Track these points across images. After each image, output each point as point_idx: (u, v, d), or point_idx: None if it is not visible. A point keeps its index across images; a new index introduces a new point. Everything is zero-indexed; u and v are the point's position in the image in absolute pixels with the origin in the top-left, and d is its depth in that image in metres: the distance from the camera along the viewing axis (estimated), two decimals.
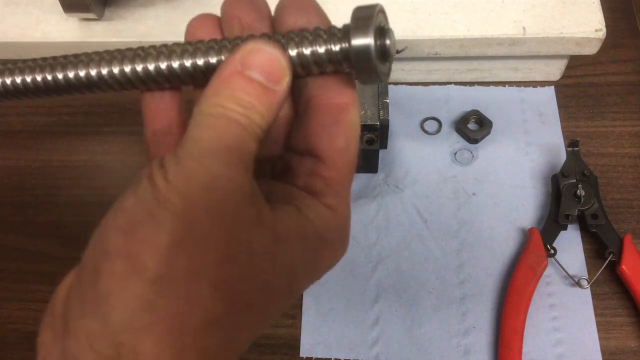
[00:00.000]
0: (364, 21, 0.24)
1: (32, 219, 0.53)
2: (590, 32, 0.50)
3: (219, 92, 0.24)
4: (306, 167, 0.27)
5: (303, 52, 0.25)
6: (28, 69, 0.27)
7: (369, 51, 0.24)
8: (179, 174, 0.22)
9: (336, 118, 0.26)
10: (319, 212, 0.26)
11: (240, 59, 0.24)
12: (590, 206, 0.48)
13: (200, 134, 0.23)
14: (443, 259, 0.49)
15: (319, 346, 0.46)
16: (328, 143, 0.26)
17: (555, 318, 0.46)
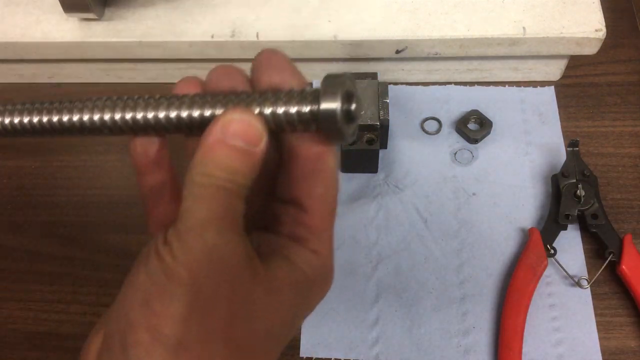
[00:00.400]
0: (332, 87, 0.27)
1: (32, 219, 0.52)
2: (590, 32, 0.50)
3: (205, 160, 0.27)
4: (290, 216, 0.30)
5: (276, 111, 0.27)
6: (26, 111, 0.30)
7: (335, 115, 0.26)
8: (182, 249, 0.25)
9: (314, 167, 0.29)
10: (305, 258, 0.29)
11: (221, 128, 0.27)
12: (590, 206, 0.48)
13: (194, 206, 0.26)
14: (443, 259, 0.49)
15: (319, 346, 0.46)
16: (308, 192, 0.29)
17: (555, 318, 0.46)
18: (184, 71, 0.58)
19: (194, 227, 0.25)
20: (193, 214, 0.26)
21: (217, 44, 0.52)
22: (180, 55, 0.54)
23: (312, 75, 0.57)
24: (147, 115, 0.29)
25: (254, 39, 0.52)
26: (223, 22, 0.52)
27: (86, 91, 0.59)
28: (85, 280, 0.49)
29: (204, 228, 0.25)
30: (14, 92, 0.59)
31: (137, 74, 0.58)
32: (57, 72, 0.58)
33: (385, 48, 0.52)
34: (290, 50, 0.53)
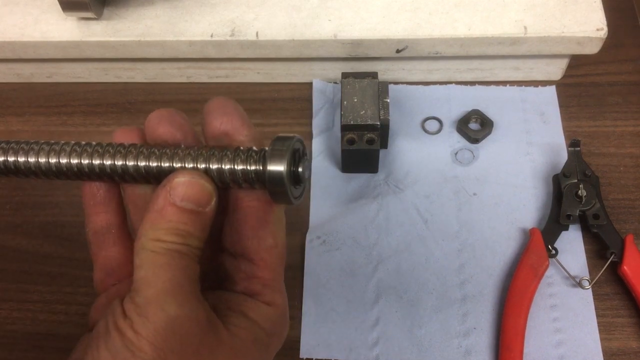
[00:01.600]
0: (280, 149, 0.27)
1: (31, 219, 0.52)
2: (592, 31, 0.50)
3: (156, 225, 0.27)
4: (243, 272, 0.30)
5: (222, 168, 0.28)
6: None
7: (281, 177, 0.27)
8: (144, 324, 0.25)
9: (262, 219, 0.29)
10: (262, 313, 0.29)
11: (171, 190, 0.27)
12: (592, 206, 0.48)
13: (150, 276, 0.26)
14: (444, 259, 0.48)
15: (319, 347, 0.45)
16: (258, 245, 0.29)
17: (556, 319, 0.46)
18: (183, 70, 0.57)
19: (153, 300, 0.25)
20: (150, 285, 0.26)
21: (216, 43, 0.52)
22: (179, 54, 0.53)
23: (312, 75, 0.57)
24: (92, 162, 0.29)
25: (253, 38, 0.51)
26: (222, 22, 0.52)
27: (85, 90, 0.59)
28: (84, 281, 0.49)
29: (163, 299, 0.25)
30: (12, 91, 0.59)
31: (136, 73, 0.58)
32: (55, 71, 0.58)
33: (386, 47, 0.52)
34: (289, 50, 0.53)
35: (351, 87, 0.50)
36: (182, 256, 0.26)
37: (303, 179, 0.28)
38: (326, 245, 0.49)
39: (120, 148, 0.29)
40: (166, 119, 0.30)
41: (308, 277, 0.48)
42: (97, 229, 0.31)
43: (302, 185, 0.29)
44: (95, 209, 0.31)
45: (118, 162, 0.29)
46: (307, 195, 0.52)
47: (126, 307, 0.26)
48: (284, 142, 0.27)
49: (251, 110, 0.57)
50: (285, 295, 0.31)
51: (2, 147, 0.30)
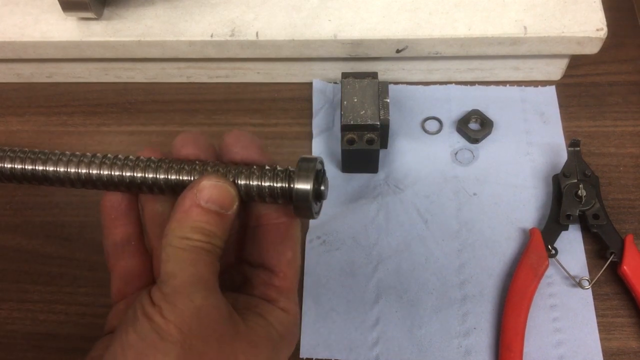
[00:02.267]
0: (306, 169, 0.30)
1: (31, 220, 0.52)
2: (592, 31, 0.50)
3: (182, 224, 0.29)
4: (261, 279, 0.32)
5: (249, 184, 0.30)
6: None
7: (307, 195, 0.30)
8: (172, 310, 0.27)
9: (283, 236, 0.32)
10: (277, 316, 0.31)
11: (197, 193, 0.29)
12: (592, 206, 0.48)
13: (178, 269, 0.28)
14: (444, 259, 0.48)
15: (319, 347, 0.45)
16: (278, 258, 0.32)
17: (556, 319, 0.46)
18: (183, 70, 0.57)
19: (180, 290, 0.27)
20: (178, 277, 0.28)
21: (216, 43, 0.52)
22: (179, 54, 0.53)
23: (312, 75, 0.57)
24: (123, 174, 0.31)
25: (253, 38, 0.51)
26: (222, 22, 0.52)
27: (85, 90, 0.59)
28: (84, 281, 0.49)
29: (190, 289, 0.27)
30: (12, 91, 0.59)
31: (136, 73, 0.58)
32: (55, 71, 0.58)
33: (386, 47, 0.52)
34: (289, 50, 0.53)
35: (351, 87, 0.50)
36: (207, 253, 0.28)
37: (324, 195, 0.31)
38: (326, 245, 0.49)
39: (150, 162, 0.31)
40: (191, 141, 0.32)
41: (308, 277, 0.48)
42: (116, 241, 0.33)
43: (322, 201, 0.32)
44: (115, 222, 0.33)
45: (149, 175, 0.31)
46: None
47: (154, 296, 0.27)
48: (309, 162, 0.30)
49: (251, 110, 0.57)
50: (297, 307, 0.33)
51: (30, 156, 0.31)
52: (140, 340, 0.27)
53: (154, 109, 0.58)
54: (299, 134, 0.55)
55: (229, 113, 0.57)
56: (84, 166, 0.31)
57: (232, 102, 0.58)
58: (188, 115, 0.57)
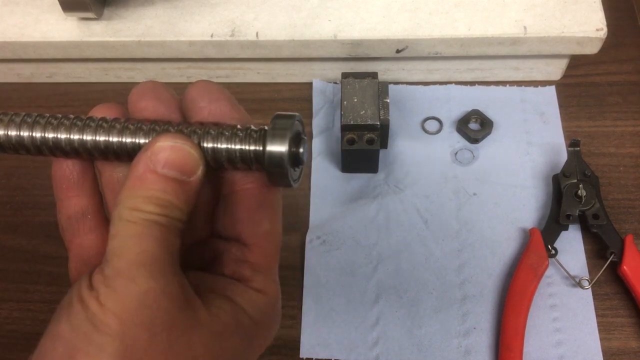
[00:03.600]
0: (281, 129, 0.25)
1: (31, 219, 0.52)
2: (592, 31, 0.50)
3: (134, 193, 0.24)
4: (233, 255, 0.28)
5: (218, 147, 0.26)
6: None
7: (282, 158, 0.25)
8: (111, 296, 0.23)
9: (259, 202, 0.27)
10: (249, 298, 0.27)
11: (152, 156, 0.24)
12: (592, 206, 0.48)
13: (123, 246, 0.23)
14: (443, 259, 0.48)
15: (319, 347, 0.45)
16: (253, 228, 0.27)
17: (556, 319, 0.46)
18: (183, 70, 0.57)
19: (123, 271, 0.23)
20: (122, 255, 0.23)
21: (216, 43, 0.52)
22: (179, 54, 0.53)
23: (312, 75, 0.57)
24: (71, 137, 0.27)
25: (253, 38, 0.51)
26: (222, 22, 0.52)
27: (85, 90, 0.59)
28: None
29: (135, 271, 0.23)
30: (13, 91, 0.59)
31: (136, 73, 0.58)
32: (55, 71, 0.58)
33: (386, 47, 0.52)
34: (289, 50, 0.53)
35: (351, 87, 0.50)
36: (161, 227, 0.24)
37: (302, 160, 0.27)
38: (326, 245, 0.49)
39: (102, 122, 0.27)
40: (149, 92, 0.27)
41: (308, 277, 0.48)
42: (70, 214, 0.28)
43: (301, 167, 0.28)
44: (68, 192, 0.28)
45: (100, 137, 0.26)
46: (307, 195, 0.52)
47: (94, 279, 0.23)
48: (285, 120, 0.26)
49: (251, 110, 0.57)
50: (278, 286, 0.29)
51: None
52: (72, 331, 0.22)
53: None
54: None
55: None
56: (26, 128, 0.26)
57: None
58: None
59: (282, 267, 0.48)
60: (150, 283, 0.23)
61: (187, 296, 0.24)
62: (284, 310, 0.47)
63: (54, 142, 0.27)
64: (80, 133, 0.26)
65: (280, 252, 0.49)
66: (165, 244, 0.24)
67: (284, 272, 0.49)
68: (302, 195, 0.52)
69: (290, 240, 0.50)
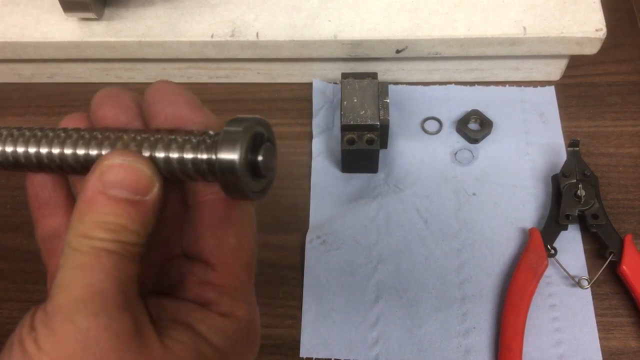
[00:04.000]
0: (235, 133, 0.22)
1: (32, 219, 0.52)
2: (591, 31, 0.50)
3: (83, 217, 0.22)
4: (196, 276, 0.25)
5: (169, 156, 0.23)
6: None
7: (233, 166, 0.22)
8: (49, 337, 0.21)
9: (224, 215, 0.25)
10: (212, 325, 0.24)
11: (100, 176, 0.22)
12: (591, 206, 0.48)
13: (67, 279, 0.22)
14: (443, 259, 0.48)
15: (318, 346, 0.46)
16: (216, 246, 0.25)
17: (555, 318, 0.46)
18: (183, 71, 0.58)
19: (63, 308, 0.21)
20: (65, 290, 0.21)
21: (216, 43, 0.52)
22: (179, 55, 0.53)
23: (312, 75, 0.57)
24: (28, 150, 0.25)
25: (253, 38, 0.52)
26: (223, 22, 0.52)
27: (85, 91, 0.59)
28: None
29: (74, 308, 0.21)
30: (13, 91, 0.59)
31: (136, 73, 0.58)
32: (56, 72, 0.58)
33: (386, 48, 0.52)
34: (289, 50, 0.53)
35: (351, 88, 0.50)
36: (111, 255, 0.22)
37: (265, 170, 0.23)
38: (326, 245, 0.49)
39: (60, 132, 0.25)
40: (110, 98, 0.25)
41: (308, 277, 0.48)
42: (45, 235, 0.27)
43: (266, 177, 0.24)
44: (41, 211, 0.27)
45: (55, 150, 0.24)
46: (307, 195, 0.52)
47: (36, 317, 0.22)
48: (240, 123, 0.22)
49: (251, 111, 0.57)
50: (252, 307, 0.26)
51: None
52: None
53: None
54: (299, 134, 0.55)
55: (229, 113, 0.56)
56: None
57: (232, 103, 0.58)
58: None
59: (282, 267, 0.49)
60: (90, 321, 0.21)
61: (139, 330, 0.22)
62: (284, 310, 0.47)
63: (12, 155, 0.25)
64: (36, 145, 0.25)
65: (280, 251, 0.50)
66: (115, 274, 0.22)
67: (284, 272, 0.49)
68: (302, 195, 0.52)
69: (290, 240, 0.50)
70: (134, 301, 0.23)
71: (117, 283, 0.22)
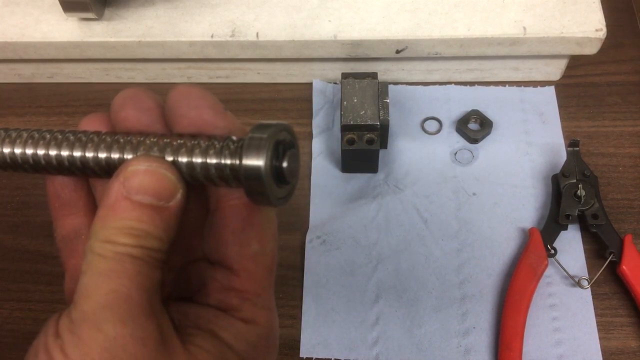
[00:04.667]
0: (259, 139, 0.22)
1: (32, 219, 0.52)
2: (591, 31, 0.50)
3: (107, 223, 0.22)
4: (218, 282, 0.25)
5: (192, 161, 0.23)
6: None
7: (259, 173, 0.22)
8: (76, 345, 0.21)
9: (246, 221, 0.25)
10: (236, 331, 0.24)
11: (124, 182, 0.22)
12: (591, 206, 0.48)
13: (92, 285, 0.21)
14: (443, 259, 0.48)
15: (319, 346, 0.46)
16: (239, 251, 0.25)
17: (555, 318, 0.46)
18: (183, 71, 0.58)
19: (89, 315, 0.21)
20: (90, 296, 0.21)
21: (216, 43, 0.52)
22: (180, 55, 0.53)
23: (312, 75, 0.57)
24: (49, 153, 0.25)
25: (253, 38, 0.52)
26: (223, 22, 0.52)
27: (86, 91, 0.59)
28: None
29: (101, 315, 0.21)
30: (13, 92, 0.59)
31: (136, 73, 0.58)
32: (56, 72, 0.58)
33: (386, 48, 0.52)
34: (289, 50, 0.53)
35: (351, 88, 0.50)
36: (135, 261, 0.22)
37: (289, 176, 0.23)
38: (326, 245, 0.49)
39: (81, 136, 0.25)
40: (132, 100, 0.25)
41: (308, 277, 0.48)
42: (65, 234, 0.27)
43: (290, 184, 0.24)
44: (61, 211, 0.27)
45: (77, 153, 0.24)
46: (307, 195, 0.52)
47: (60, 324, 0.22)
48: (265, 130, 0.22)
49: (251, 111, 0.57)
50: (273, 314, 0.26)
51: None
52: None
53: None
54: (299, 134, 0.55)
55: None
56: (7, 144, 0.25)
57: (232, 103, 0.58)
58: None
59: (282, 267, 0.49)
60: (118, 329, 0.21)
61: (164, 337, 0.22)
62: (284, 310, 0.47)
63: (33, 158, 0.25)
64: (57, 148, 0.25)
65: (280, 251, 0.50)
66: (139, 280, 0.22)
67: (284, 272, 0.49)
68: (302, 195, 0.52)
69: (290, 240, 0.50)
70: (158, 307, 0.22)
71: (141, 289, 0.22)
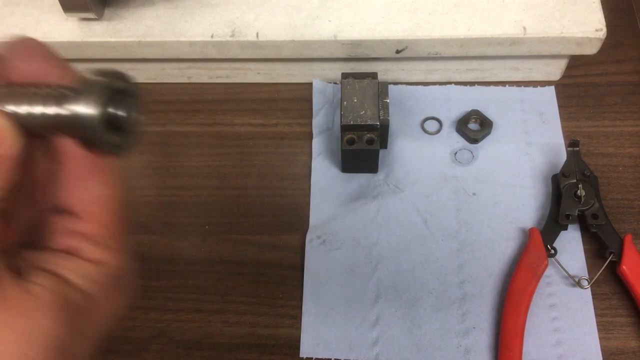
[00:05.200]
0: (93, 86, 0.22)
1: None
2: (591, 31, 0.50)
3: None
4: (64, 227, 0.25)
5: (29, 111, 0.23)
6: None
7: (91, 121, 0.22)
8: None
9: (90, 167, 0.25)
10: (79, 270, 0.24)
11: None
12: (591, 206, 0.48)
13: None
14: (443, 259, 0.49)
15: (319, 346, 0.46)
16: (81, 197, 0.25)
17: (555, 318, 0.46)
18: (183, 71, 0.58)
19: None
20: None
21: (216, 43, 0.52)
22: (180, 55, 0.54)
23: (312, 75, 0.57)
24: None
25: (253, 38, 0.52)
26: (223, 22, 0.52)
27: None
28: None
29: None
30: None
31: (136, 73, 0.58)
32: None
33: (386, 48, 0.52)
34: (289, 50, 0.53)
35: (351, 88, 0.50)
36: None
37: (128, 124, 0.23)
38: (326, 245, 0.49)
39: None
40: None
41: (308, 277, 0.48)
42: None
43: (131, 133, 0.24)
44: None
45: None
46: (307, 195, 0.52)
47: None
48: (100, 78, 0.22)
49: (251, 111, 0.57)
50: (125, 257, 0.26)
51: None
52: None
53: (155, 109, 0.58)
54: (299, 134, 0.55)
55: (229, 113, 0.57)
56: None
57: (232, 103, 0.58)
58: (188, 116, 0.57)
59: (282, 267, 0.49)
60: None
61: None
62: (284, 310, 0.47)
63: None
64: None
65: (280, 251, 0.50)
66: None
67: (284, 272, 0.49)
68: (302, 195, 0.52)
69: (290, 240, 0.50)
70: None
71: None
